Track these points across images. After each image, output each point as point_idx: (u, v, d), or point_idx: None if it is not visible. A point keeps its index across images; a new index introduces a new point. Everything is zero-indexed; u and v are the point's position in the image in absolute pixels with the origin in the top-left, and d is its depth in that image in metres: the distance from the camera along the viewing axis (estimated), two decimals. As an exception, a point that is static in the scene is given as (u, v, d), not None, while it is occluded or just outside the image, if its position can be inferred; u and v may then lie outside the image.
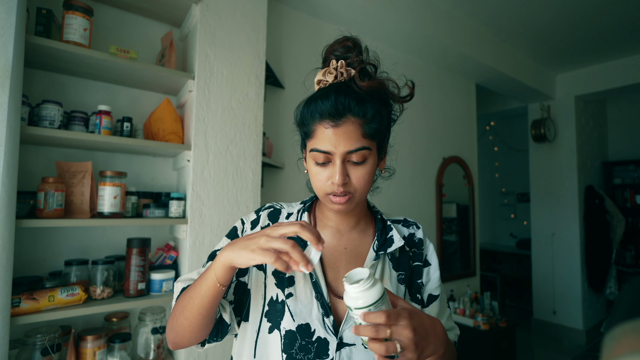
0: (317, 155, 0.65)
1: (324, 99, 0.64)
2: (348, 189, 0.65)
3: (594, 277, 3.82)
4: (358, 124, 0.63)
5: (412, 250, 0.78)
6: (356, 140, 0.63)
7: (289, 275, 0.69)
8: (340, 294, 0.69)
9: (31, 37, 1.16)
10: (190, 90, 1.53)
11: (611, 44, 3.26)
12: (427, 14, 2.49)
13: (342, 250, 0.74)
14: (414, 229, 0.82)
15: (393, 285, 0.72)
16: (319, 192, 0.67)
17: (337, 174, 0.63)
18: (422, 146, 2.87)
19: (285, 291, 0.68)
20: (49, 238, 1.40)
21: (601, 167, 4.36)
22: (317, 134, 0.65)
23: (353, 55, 0.68)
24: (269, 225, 0.71)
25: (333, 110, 0.62)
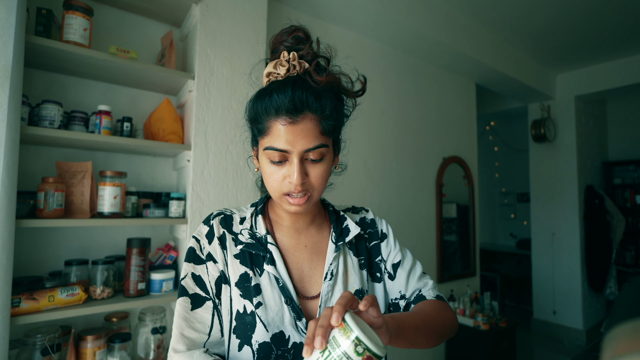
0: (272, 153, 0.61)
1: (279, 93, 0.59)
2: (306, 188, 0.62)
3: (594, 277, 3.82)
4: (316, 121, 0.60)
5: (367, 232, 0.78)
6: (314, 138, 0.60)
7: (255, 284, 0.65)
8: (308, 294, 0.67)
9: (31, 37, 1.16)
10: (190, 90, 1.53)
11: (611, 44, 3.26)
12: (427, 14, 2.49)
13: (303, 248, 0.71)
14: (363, 213, 0.82)
15: (357, 272, 0.71)
16: (274, 192, 0.64)
17: (295, 173, 0.60)
18: (422, 146, 2.87)
19: (253, 301, 0.63)
20: (49, 238, 1.40)
21: (601, 167, 4.36)
22: (272, 131, 0.60)
23: (306, 47, 0.63)
24: (224, 234, 0.68)
25: (291, 106, 0.58)
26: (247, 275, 0.66)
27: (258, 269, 0.67)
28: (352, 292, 0.53)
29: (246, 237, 0.68)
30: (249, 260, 0.67)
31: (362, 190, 2.40)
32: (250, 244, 0.67)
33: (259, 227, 0.70)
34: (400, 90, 2.72)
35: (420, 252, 2.77)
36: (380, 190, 2.53)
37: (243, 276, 0.66)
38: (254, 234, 0.69)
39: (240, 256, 0.67)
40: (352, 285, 0.69)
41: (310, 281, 0.69)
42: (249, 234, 0.69)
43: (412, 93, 2.81)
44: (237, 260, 0.67)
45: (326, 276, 0.67)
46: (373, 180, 2.47)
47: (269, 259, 0.66)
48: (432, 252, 2.87)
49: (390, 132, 2.62)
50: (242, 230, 0.69)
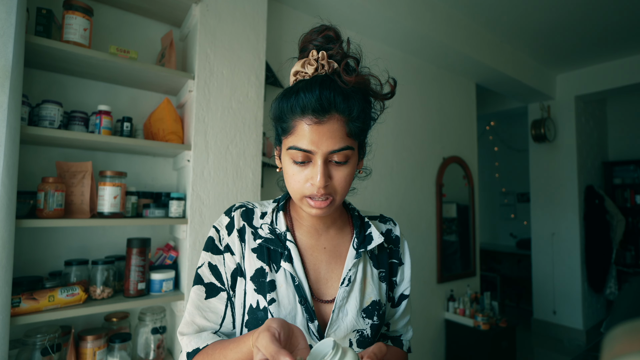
0: (295, 153, 0.59)
1: (306, 92, 0.57)
2: (329, 192, 0.60)
3: (594, 277, 3.82)
4: (343, 122, 0.58)
5: (390, 247, 0.76)
6: (340, 139, 0.58)
7: (270, 279, 0.64)
8: (323, 297, 0.67)
9: (31, 37, 1.16)
10: (190, 90, 1.53)
11: (611, 44, 3.26)
12: (427, 14, 2.49)
13: (322, 250, 0.70)
14: (391, 224, 0.80)
15: (375, 283, 0.70)
16: (295, 193, 0.62)
17: (319, 175, 0.57)
18: (422, 146, 2.87)
19: (267, 297, 0.63)
20: (49, 238, 1.40)
21: (601, 167, 4.36)
22: (297, 130, 0.58)
23: (336, 47, 0.61)
24: (244, 227, 0.68)
25: (317, 106, 0.56)
26: (263, 270, 0.65)
27: (275, 265, 0.65)
28: (382, 346, 0.53)
29: (266, 232, 0.67)
30: (266, 255, 0.66)
31: (362, 190, 2.40)
32: (269, 239, 0.66)
33: (279, 224, 0.69)
34: (400, 90, 2.72)
35: (420, 252, 2.77)
36: (380, 190, 2.53)
37: (259, 271, 0.65)
38: (273, 229, 0.68)
39: (257, 250, 0.66)
40: (369, 295, 0.68)
41: (326, 284, 0.68)
42: (269, 229, 0.68)
43: (412, 93, 2.81)
44: (254, 254, 0.66)
45: (343, 281, 0.66)
46: (373, 180, 2.47)
47: (287, 256, 0.65)
48: (432, 252, 2.87)
49: (390, 132, 2.62)
50: (263, 224, 0.68)
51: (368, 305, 0.67)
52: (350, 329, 0.64)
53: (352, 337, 0.64)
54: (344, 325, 0.64)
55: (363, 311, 0.66)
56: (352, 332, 0.64)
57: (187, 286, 1.45)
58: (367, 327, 0.66)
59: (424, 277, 2.77)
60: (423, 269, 2.77)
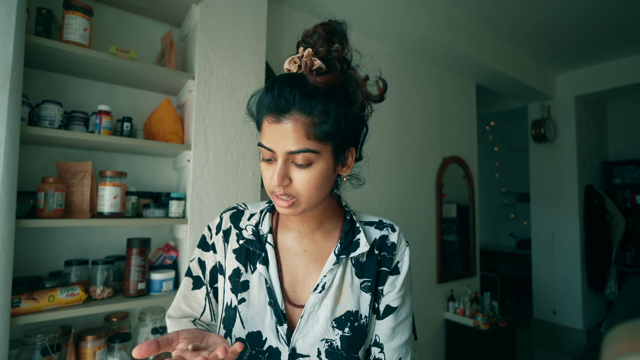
0: (263, 151, 0.60)
1: (268, 91, 0.58)
2: (289, 192, 0.58)
3: (594, 277, 3.82)
4: (302, 123, 0.55)
5: (382, 255, 0.69)
6: (297, 141, 0.55)
7: (244, 280, 0.65)
8: (296, 301, 0.65)
9: (31, 37, 1.16)
10: (190, 90, 1.53)
11: (611, 44, 3.26)
12: (427, 14, 2.49)
13: (302, 253, 0.68)
14: (388, 231, 0.72)
15: (355, 293, 0.64)
16: (266, 189, 0.62)
17: (275, 175, 0.57)
18: (422, 146, 2.87)
19: (238, 296, 0.64)
20: (49, 238, 1.40)
21: (601, 167, 4.36)
22: (263, 127, 0.60)
23: (319, 44, 0.60)
24: (230, 229, 0.71)
25: (273, 105, 0.56)
26: (238, 271, 0.67)
27: (252, 266, 0.67)
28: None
29: (249, 234, 0.69)
30: (244, 256, 0.68)
31: (362, 190, 2.40)
32: (250, 241, 0.68)
33: (264, 225, 0.70)
34: (400, 90, 2.72)
35: (421, 252, 2.77)
36: (380, 190, 2.53)
37: (235, 271, 0.68)
38: (257, 231, 0.69)
39: (237, 251, 0.69)
40: (343, 305, 0.64)
41: (303, 288, 0.66)
42: (252, 230, 0.69)
43: (412, 93, 2.81)
44: (233, 255, 0.69)
45: (317, 287, 0.63)
46: (373, 180, 2.47)
47: (263, 259, 0.66)
48: (432, 252, 2.87)
49: (390, 132, 2.62)
50: (247, 226, 0.70)
51: (341, 315, 0.63)
52: (318, 337, 0.61)
53: (320, 346, 0.61)
54: (312, 332, 0.62)
55: (334, 321, 0.62)
56: (321, 341, 0.61)
57: (187, 286, 1.45)
58: (337, 338, 0.62)
59: (424, 277, 2.77)
60: (423, 269, 2.77)
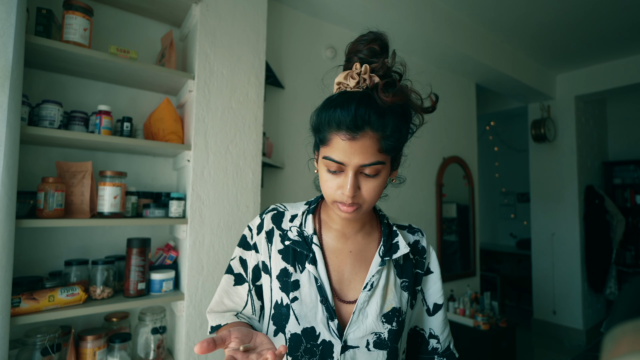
0: (329, 163, 0.63)
1: (343, 109, 0.60)
2: (357, 201, 0.64)
3: (594, 277, 3.82)
4: (375, 139, 0.60)
5: (415, 258, 0.78)
6: (371, 155, 0.60)
7: (294, 279, 0.69)
8: (345, 298, 0.69)
9: (31, 37, 1.16)
10: (190, 90, 1.53)
11: (611, 44, 3.26)
12: (427, 14, 2.49)
13: (347, 253, 0.73)
14: (418, 236, 0.81)
15: (397, 292, 0.72)
16: (327, 197, 0.66)
17: (348, 186, 0.61)
18: (422, 146, 2.87)
19: (290, 295, 0.68)
20: (49, 238, 1.40)
21: (601, 167, 4.36)
22: (332, 142, 0.62)
23: (379, 62, 0.64)
24: (273, 230, 0.74)
25: (352, 124, 0.59)
26: (287, 271, 0.70)
27: (300, 266, 0.70)
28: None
29: (294, 234, 0.72)
30: (291, 256, 0.71)
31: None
32: (296, 241, 0.71)
33: (308, 226, 0.73)
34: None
35: (420, 252, 2.77)
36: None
37: (283, 271, 0.70)
38: (302, 231, 0.72)
39: (283, 252, 0.72)
40: (389, 302, 0.70)
41: (349, 285, 0.71)
42: (297, 231, 0.72)
43: (412, 93, 2.81)
44: (279, 255, 0.72)
45: (366, 286, 0.69)
46: (373, 180, 2.47)
47: (311, 259, 0.69)
48: (432, 252, 2.87)
49: (390, 132, 2.62)
50: (292, 227, 0.73)
51: (388, 311, 0.69)
52: (369, 330, 0.67)
53: (369, 338, 0.67)
54: (363, 326, 0.67)
55: (383, 316, 0.69)
56: (370, 333, 0.67)
57: (187, 286, 1.45)
58: (385, 331, 0.68)
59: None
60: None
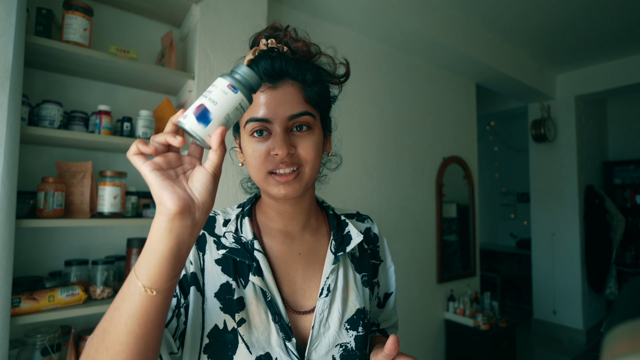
0: (253, 125, 0.55)
1: (257, 63, 0.56)
2: (295, 161, 0.55)
3: (594, 277, 3.82)
4: (298, 87, 0.56)
5: (370, 247, 0.71)
6: (297, 104, 0.55)
7: (238, 297, 0.56)
8: (300, 308, 0.60)
9: (31, 37, 1.16)
10: (190, 90, 1.53)
11: (611, 44, 3.26)
12: (427, 14, 2.49)
13: (296, 256, 0.63)
14: (369, 222, 0.75)
15: (359, 290, 0.64)
16: (258, 173, 0.56)
17: (280, 142, 0.53)
18: (422, 146, 2.87)
19: (235, 317, 0.55)
20: (49, 238, 1.40)
21: (601, 167, 4.36)
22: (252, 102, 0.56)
23: (281, 33, 0.60)
24: (203, 235, 0.60)
25: (270, 70, 0.55)
26: (230, 286, 0.57)
27: (242, 280, 0.58)
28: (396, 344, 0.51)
29: (230, 241, 0.60)
30: (232, 268, 0.58)
31: (362, 190, 2.40)
32: (234, 249, 0.59)
33: (245, 231, 0.62)
34: (400, 90, 2.72)
35: (421, 252, 2.77)
36: (380, 190, 2.52)
37: (224, 286, 0.57)
38: (239, 237, 0.61)
39: (222, 262, 0.59)
40: (352, 304, 0.62)
41: (303, 294, 0.61)
42: (234, 237, 0.60)
43: (412, 93, 2.81)
44: (218, 267, 0.58)
45: (322, 292, 0.60)
46: (373, 180, 2.47)
47: (255, 268, 0.57)
48: (432, 252, 2.87)
49: (390, 132, 2.62)
50: (226, 232, 0.61)
51: (353, 315, 0.61)
52: (332, 344, 0.58)
53: (334, 352, 0.58)
54: (325, 340, 0.58)
55: (347, 322, 0.60)
56: (335, 346, 0.58)
57: (187, 286, 1.44)
58: (352, 339, 0.60)
59: (423, 277, 2.77)
60: (423, 269, 2.77)
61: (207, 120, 0.41)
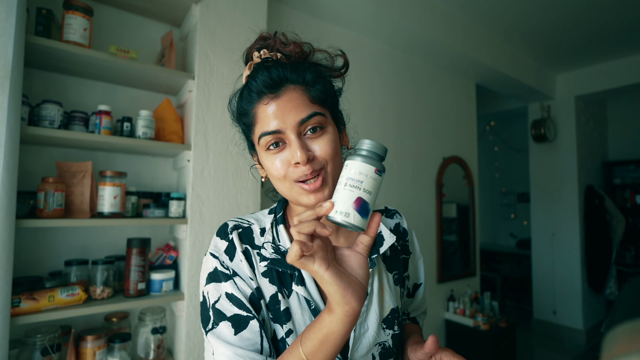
0: (267, 139, 0.55)
1: (254, 78, 0.57)
2: (316, 166, 0.54)
3: (594, 277, 3.82)
4: (301, 90, 0.56)
5: (400, 243, 0.71)
6: (305, 107, 0.55)
7: (284, 307, 0.57)
8: None
9: (31, 37, 1.16)
10: (190, 90, 1.53)
11: (611, 44, 3.26)
12: (427, 14, 2.49)
13: None
14: (397, 218, 0.74)
15: (392, 290, 0.65)
16: (283, 185, 0.56)
17: (297, 150, 0.52)
18: (422, 146, 2.87)
19: (283, 327, 0.57)
20: (49, 238, 1.40)
21: (601, 167, 4.36)
22: (259, 116, 0.56)
23: (272, 41, 0.61)
24: (248, 250, 0.60)
25: (269, 80, 0.55)
26: (276, 297, 0.58)
27: (286, 290, 0.58)
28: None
29: (270, 252, 0.59)
30: (276, 278, 0.59)
31: (362, 190, 2.39)
32: (275, 260, 0.58)
33: (282, 239, 0.61)
34: (400, 90, 2.72)
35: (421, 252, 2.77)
36: (380, 190, 2.52)
37: (273, 297, 0.58)
38: (277, 247, 0.60)
39: (268, 274, 0.59)
40: (387, 304, 0.63)
41: None
42: (273, 247, 0.60)
43: (412, 93, 2.81)
44: (265, 279, 0.59)
45: None
46: (373, 180, 2.47)
47: (298, 278, 0.58)
48: (432, 252, 2.87)
49: (390, 132, 2.62)
50: (265, 243, 0.61)
51: (388, 315, 0.63)
52: (372, 343, 0.60)
53: (374, 351, 0.60)
54: (365, 341, 0.60)
55: (383, 322, 0.62)
56: (375, 345, 0.60)
57: (187, 286, 1.45)
58: (389, 337, 0.62)
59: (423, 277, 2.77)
60: (423, 269, 2.77)
61: (367, 212, 0.43)
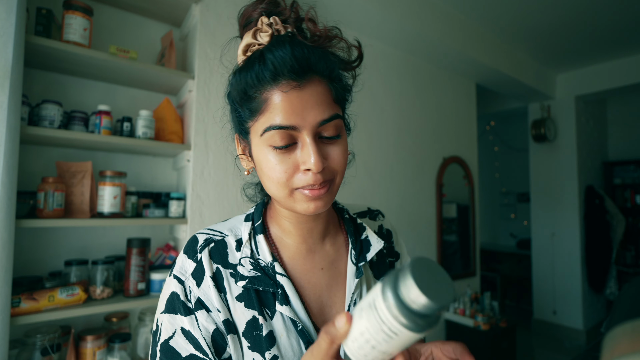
0: (274, 136, 0.44)
1: (275, 51, 0.45)
2: (326, 177, 0.47)
3: (594, 277, 3.82)
4: (325, 85, 0.46)
5: (385, 247, 0.65)
6: (328, 107, 0.45)
7: (267, 331, 0.49)
8: None
9: (31, 37, 1.16)
10: (190, 90, 1.53)
11: (611, 44, 3.26)
12: (428, 14, 2.49)
13: (319, 272, 0.56)
14: (380, 219, 0.67)
15: None
16: (282, 189, 0.47)
17: (313, 156, 0.44)
18: (422, 146, 2.87)
19: (266, 355, 0.48)
20: (49, 238, 1.40)
21: (601, 167, 4.36)
22: (270, 104, 0.45)
23: (287, 9, 0.49)
24: (219, 271, 0.51)
25: (295, 65, 0.43)
26: (256, 321, 0.50)
27: (268, 311, 0.51)
28: None
29: (248, 269, 0.51)
30: (255, 300, 0.50)
31: (362, 190, 2.40)
32: (254, 278, 0.50)
33: (262, 252, 0.53)
34: (400, 90, 2.72)
35: (421, 252, 2.77)
36: (381, 190, 2.52)
37: (251, 323, 0.50)
38: (257, 262, 0.52)
39: (244, 297, 0.50)
40: None
41: (330, 311, 0.55)
42: (252, 263, 0.52)
43: (412, 93, 2.81)
44: (240, 303, 0.50)
45: (349, 308, 0.54)
46: (373, 180, 2.47)
47: (282, 297, 0.50)
48: (432, 252, 2.87)
49: (390, 132, 2.62)
50: (242, 259, 0.52)
51: None
52: None
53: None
54: None
55: None
56: None
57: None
58: None
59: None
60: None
61: None
